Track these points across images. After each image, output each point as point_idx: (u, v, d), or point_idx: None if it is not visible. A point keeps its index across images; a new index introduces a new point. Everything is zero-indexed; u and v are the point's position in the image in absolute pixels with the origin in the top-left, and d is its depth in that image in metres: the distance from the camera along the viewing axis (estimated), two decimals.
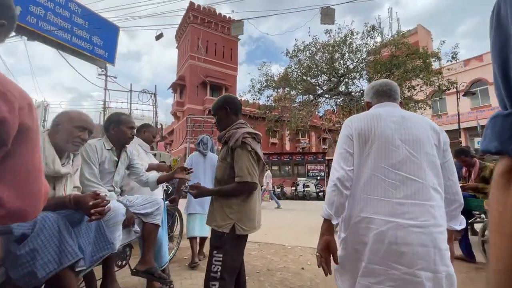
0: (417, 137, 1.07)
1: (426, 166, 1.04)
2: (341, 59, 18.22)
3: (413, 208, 0.98)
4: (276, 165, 20.26)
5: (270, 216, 7.61)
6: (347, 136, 1.14)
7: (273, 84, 19.79)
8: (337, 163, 1.11)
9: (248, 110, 29.88)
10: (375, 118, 1.13)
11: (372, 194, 1.03)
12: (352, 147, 1.11)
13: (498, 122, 0.36)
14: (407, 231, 0.95)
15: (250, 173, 1.48)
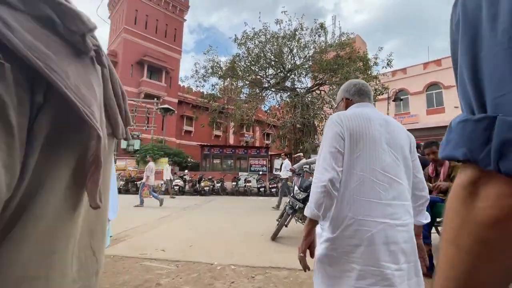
0: (399, 142, 1.11)
1: (403, 169, 1.09)
2: (290, 53, 18.06)
3: (398, 209, 1.03)
4: (218, 159, 19.06)
5: (201, 218, 6.48)
6: (338, 134, 1.08)
7: (219, 71, 18.43)
8: (327, 162, 1.05)
9: (190, 98, 27.78)
10: (366, 119, 1.11)
11: (364, 196, 1.02)
12: (343, 146, 1.06)
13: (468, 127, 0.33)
14: (395, 230, 1.00)
15: None
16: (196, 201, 10.44)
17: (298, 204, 4.16)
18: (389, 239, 0.98)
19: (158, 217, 6.07)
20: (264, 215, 6.89)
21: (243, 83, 19.50)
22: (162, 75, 24.91)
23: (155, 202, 8.47)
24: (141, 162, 16.33)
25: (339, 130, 1.08)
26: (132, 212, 6.92)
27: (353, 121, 1.09)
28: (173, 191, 13.32)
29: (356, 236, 1.00)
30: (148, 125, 19.51)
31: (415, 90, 27.13)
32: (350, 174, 1.04)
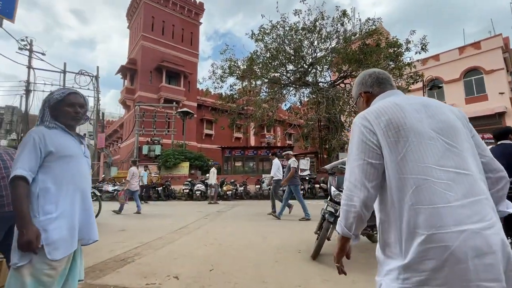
0: (448, 123, 0.91)
1: (467, 155, 0.87)
2: (310, 46, 16.99)
3: (476, 207, 0.81)
4: (240, 161, 18.36)
5: (223, 228, 5.69)
6: (366, 143, 0.90)
7: (236, 71, 17.80)
8: (356, 178, 0.90)
9: (209, 101, 27.52)
10: (397, 109, 0.91)
11: (427, 203, 0.81)
12: (376, 156, 0.89)
13: None
14: (483, 237, 0.77)
15: None
16: (218, 206, 9.74)
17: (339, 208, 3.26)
18: (480, 250, 0.75)
19: (175, 228, 5.38)
20: (296, 223, 5.96)
21: (262, 82, 18.71)
22: (181, 79, 24.85)
23: (174, 210, 7.87)
24: (162, 168, 16.07)
25: (367, 136, 0.90)
26: (150, 222, 6.32)
27: (383, 116, 0.90)
28: (196, 196, 12.77)
29: (433, 257, 0.77)
30: (168, 129, 19.32)
31: (450, 78, 24.70)
32: (400, 180, 0.84)
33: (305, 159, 16.04)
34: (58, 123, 1.40)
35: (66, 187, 1.33)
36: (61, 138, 1.38)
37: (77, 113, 1.45)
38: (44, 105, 1.41)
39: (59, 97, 1.41)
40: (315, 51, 16.87)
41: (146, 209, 8.89)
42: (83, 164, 1.46)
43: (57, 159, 1.32)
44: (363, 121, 0.93)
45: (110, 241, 4.35)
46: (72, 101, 1.43)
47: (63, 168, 1.34)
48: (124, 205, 7.95)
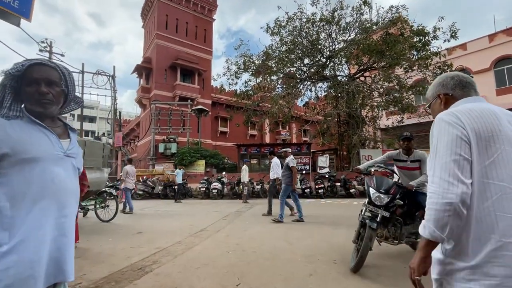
0: None
1: None
2: (328, 38, 16.26)
3: None
4: (255, 158, 18.00)
5: (244, 231, 5.34)
6: (460, 138, 0.87)
7: (252, 66, 17.38)
8: (451, 173, 0.85)
9: (224, 99, 27.33)
10: (491, 115, 0.90)
11: (510, 213, 0.82)
12: (469, 152, 0.86)
13: None
14: None
15: None
16: (236, 206, 9.42)
17: (381, 212, 2.89)
18: None
19: (194, 231, 5.08)
20: (320, 226, 5.51)
21: (277, 77, 18.19)
22: (195, 77, 24.75)
23: (191, 210, 7.63)
24: (178, 166, 15.99)
25: (460, 132, 0.88)
26: (167, 223, 6.08)
27: (477, 119, 0.89)
28: (212, 195, 12.55)
29: (508, 264, 0.79)
30: (183, 127, 19.25)
31: (479, 68, 23.11)
32: (483, 185, 0.85)
33: (324, 156, 15.45)
34: (25, 111, 0.99)
35: (30, 204, 0.92)
36: (23, 133, 0.95)
37: (42, 95, 0.99)
38: (1, 84, 0.98)
39: (16, 72, 0.97)
40: (334, 43, 16.13)
41: (165, 209, 8.72)
42: (63, 168, 1.02)
43: (16, 164, 0.91)
44: (453, 118, 0.91)
45: (126, 245, 4.11)
46: (34, 77, 0.99)
47: (26, 176, 0.92)
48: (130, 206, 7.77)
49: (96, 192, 6.15)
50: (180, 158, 15.67)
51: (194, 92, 24.17)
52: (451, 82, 1.07)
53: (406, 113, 14.88)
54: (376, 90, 15.59)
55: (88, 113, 47.38)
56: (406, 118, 16.17)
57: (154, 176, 14.93)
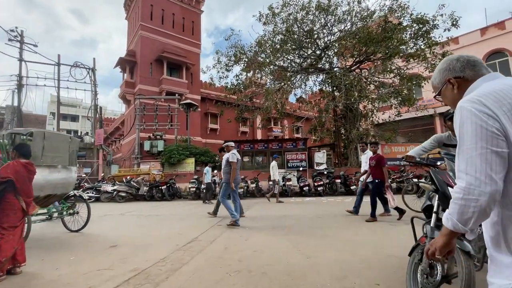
0: None
1: None
2: (324, 27, 15.47)
3: None
4: (249, 155, 17.06)
5: (247, 241, 4.41)
6: (485, 129, 0.78)
7: (243, 57, 16.38)
8: (478, 169, 0.79)
9: (213, 94, 26.19)
10: None
11: None
12: (501, 142, 0.77)
13: None
14: None
15: None
16: None
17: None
18: None
19: (183, 242, 4.09)
20: (331, 230, 4.63)
21: (269, 70, 17.27)
22: (183, 71, 23.48)
23: (181, 213, 6.62)
24: (166, 165, 14.84)
25: (487, 122, 0.78)
26: (151, 230, 5.04)
27: (504, 100, 0.79)
28: (205, 196, 11.52)
29: None
30: (171, 123, 18.05)
31: None
32: None
33: (321, 151, 14.68)
34: None
35: None
36: None
37: None
38: None
39: None
40: (330, 34, 15.35)
41: (150, 213, 7.64)
42: None
43: None
44: (477, 105, 0.81)
45: (93, 266, 3.08)
46: None
47: None
48: None
49: (62, 196, 5.05)
50: (168, 156, 14.52)
51: (182, 87, 22.92)
52: (458, 64, 0.99)
53: (406, 106, 14.33)
54: (373, 83, 14.96)
55: (71, 112, 44.81)
56: (404, 111, 15.66)
57: (139, 176, 13.73)
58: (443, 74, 1.03)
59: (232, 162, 5.39)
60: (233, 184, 5.41)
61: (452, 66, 0.99)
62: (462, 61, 0.97)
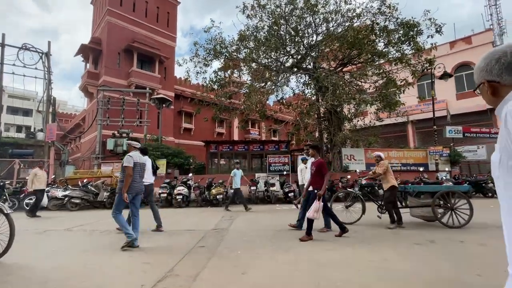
0: None
1: None
2: (309, 27, 14.88)
3: None
4: (227, 158, 15.80)
5: (239, 272, 3.22)
6: None
7: (223, 51, 15.17)
8: None
9: (189, 92, 24.46)
10: None
11: None
12: None
13: None
14: None
15: None
16: (211, 217, 7.13)
17: None
18: None
19: (150, 281, 2.78)
20: (356, 248, 3.61)
21: (251, 68, 16.26)
22: (155, 64, 21.56)
23: (147, 227, 5.23)
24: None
25: None
26: (105, 258, 3.61)
27: None
28: (176, 202, 10.05)
29: None
30: (140, 120, 16.16)
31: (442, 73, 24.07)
32: None
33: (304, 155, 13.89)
34: None
35: None
36: None
37: None
38: None
39: None
40: (315, 33, 14.77)
41: (108, 227, 6.06)
42: None
43: None
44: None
45: None
46: None
47: None
48: None
49: None
50: None
51: (154, 82, 20.99)
52: (496, 67, 0.88)
53: (389, 111, 14.16)
54: (357, 86, 14.61)
55: (23, 105, 39.51)
56: (386, 116, 15.57)
57: (99, 179, 11.79)
58: (480, 74, 0.93)
59: (126, 167, 4.10)
60: (126, 195, 4.03)
61: (490, 67, 0.89)
62: (502, 63, 0.86)
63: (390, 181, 5.43)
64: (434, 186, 6.39)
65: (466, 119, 21.27)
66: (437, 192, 5.35)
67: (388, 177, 5.49)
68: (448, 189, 5.54)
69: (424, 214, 5.57)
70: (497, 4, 30.41)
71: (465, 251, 3.66)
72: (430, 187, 6.24)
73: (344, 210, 6.00)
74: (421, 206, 5.59)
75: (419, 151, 15.08)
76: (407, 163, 14.35)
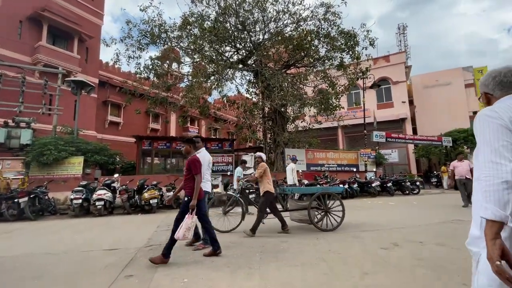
0: None
1: None
2: (257, 24, 14.49)
3: None
4: (162, 156, 14.01)
5: None
6: (502, 126, 1.00)
7: (163, 36, 13.42)
8: (500, 155, 0.96)
9: (117, 80, 21.14)
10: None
11: None
12: None
13: None
14: None
15: None
16: (142, 227, 5.74)
17: None
18: None
19: None
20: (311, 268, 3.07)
21: (192, 60, 14.95)
22: (74, 43, 17.84)
23: (47, 246, 3.69)
24: (33, 165, 10.15)
25: (501, 123, 1.00)
26: None
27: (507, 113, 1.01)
28: (96, 209, 8.13)
29: None
30: (49, 107, 12.93)
31: (366, 85, 27.24)
32: None
33: (249, 155, 13.39)
34: None
35: None
36: None
37: None
38: None
39: None
40: (262, 30, 14.46)
41: None
42: None
43: None
44: (493, 113, 1.03)
45: None
46: None
47: None
48: None
49: None
50: (38, 153, 9.90)
51: (72, 63, 17.35)
52: (491, 83, 1.17)
53: (328, 115, 14.90)
54: (298, 89, 14.91)
55: None
56: (324, 120, 16.43)
57: None
58: (481, 87, 1.24)
59: None
60: None
61: (487, 83, 1.19)
62: (496, 81, 1.16)
63: (266, 185, 4.96)
64: (312, 188, 6.11)
65: (384, 126, 24.46)
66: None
67: (264, 181, 5.02)
68: (324, 191, 5.37)
69: (302, 217, 5.27)
70: (404, 33, 36.45)
71: (433, 255, 3.57)
72: (308, 189, 6.03)
73: (222, 216, 5.30)
74: (299, 209, 5.28)
75: (352, 153, 16.36)
76: (342, 163, 15.38)
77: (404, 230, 4.87)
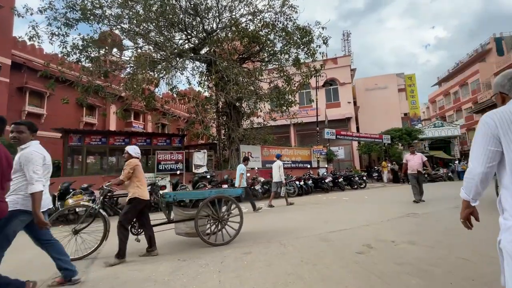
0: None
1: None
2: (210, 11, 13.44)
3: None
4: (97, 154, 11.95)
5: None
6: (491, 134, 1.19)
7: (98, 13, 11.35)
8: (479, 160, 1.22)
9: (38, 63, 17.43)
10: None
11: None
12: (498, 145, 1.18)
13: None
14: None
15: None
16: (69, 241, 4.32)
17: None
18: None
19: None
20: None
21: (136, 45, 13.16)
22: None
23: None
24: None
25: (491, 131, 1.18)
26: None
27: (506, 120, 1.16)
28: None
29: None
30: None
31: (314, 85, 28.42)
32: None
33: (201, 152, 12.35)
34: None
35: None
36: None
37: None
38: None
39: None
40: (217, 19, 13.48)
41: None
42: None
43: None
44: (488, 119, 1.21)
45: None
46: None
47: None
48: None
49: None
50: None
51: None
52: (507, 84, 1.29)
53: (283, 112, 14.72)
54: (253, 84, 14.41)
55: None
56: (278, 118, 16.29)
57: None
58: (496, 87, 1.35)
59: None
60: None
61: (504, 84, 1.30)
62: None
63: (135, 190, 3.57)
64: (202, 192, 4.54)
65: (333, 125, 25.79)
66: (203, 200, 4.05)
67: (134, 183, 3.62)
68: (218, 194, 4.21)
69: (189, 230, 4.04)
70: (348, 40, 39.39)
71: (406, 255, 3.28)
72: (196, 193, 4.66)
73: (72, 236, 3.67)
74: (187, 220, 4.07)
75: (305, 149, 16.59)
76: (296, 160, 15.44)
77: (369, 228, 4.65)
